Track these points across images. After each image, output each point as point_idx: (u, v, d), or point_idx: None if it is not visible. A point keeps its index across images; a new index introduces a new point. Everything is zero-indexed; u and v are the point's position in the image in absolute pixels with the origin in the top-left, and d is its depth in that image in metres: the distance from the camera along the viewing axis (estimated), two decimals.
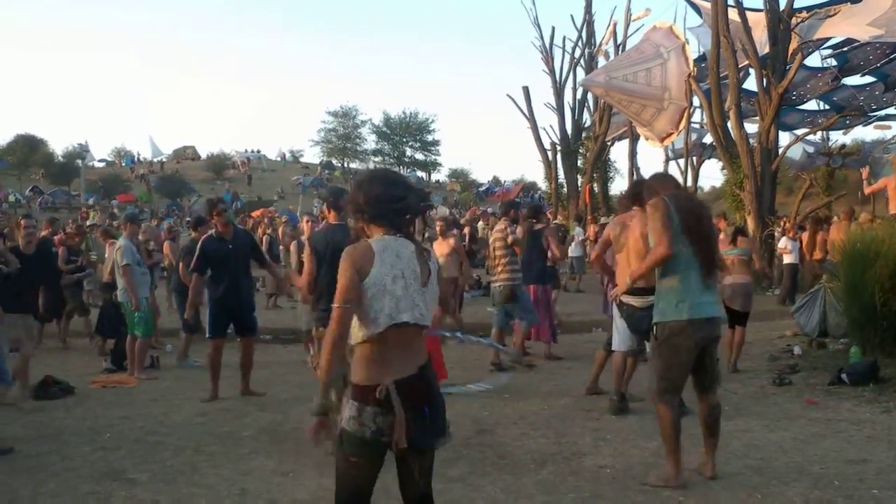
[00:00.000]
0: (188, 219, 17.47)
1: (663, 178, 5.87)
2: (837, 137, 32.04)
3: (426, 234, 3.70)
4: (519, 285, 9.94)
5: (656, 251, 5.48)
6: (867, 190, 15.38)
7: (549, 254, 10.78)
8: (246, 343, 8.90)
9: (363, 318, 3.37)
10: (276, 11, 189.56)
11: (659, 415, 5.51)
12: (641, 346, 7.67)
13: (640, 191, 7.30)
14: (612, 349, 7.88)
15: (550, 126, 34.02)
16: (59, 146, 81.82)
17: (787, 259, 16.51)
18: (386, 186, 3.45)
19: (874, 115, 26.29)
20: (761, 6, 20.50)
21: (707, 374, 5.59)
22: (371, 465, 3.44)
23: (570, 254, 19.77)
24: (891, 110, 26.23)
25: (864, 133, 58.94)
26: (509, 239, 9.99)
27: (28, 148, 71.70)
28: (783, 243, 16.59)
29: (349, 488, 3.50)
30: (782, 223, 18.86)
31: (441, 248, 11.49)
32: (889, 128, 30.18)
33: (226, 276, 8.65)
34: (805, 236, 16.81)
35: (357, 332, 3.40)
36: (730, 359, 9.65)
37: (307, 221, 11.52)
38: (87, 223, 23.19)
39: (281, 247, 20.03)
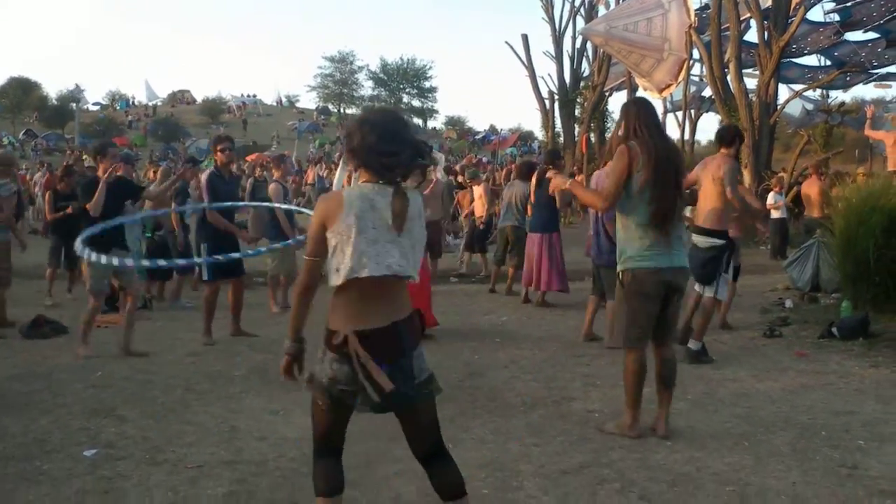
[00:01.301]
0: (183, 162, 17.48)
1: (647, 115, 5.39)
2: (837, 95, 31.90)
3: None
4: None
5: (597, 202, 5.59)
6: (867, 131, 15.32)
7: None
8: (236, 284, 8.88)
9: (330, 269, 3.34)
10: None
11: (625, 362, 5.48)
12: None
13: (725, 133, 7.86)
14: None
15: (549, 74, 33.67)
16: (52, 89, 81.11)
17: (774, 214, 16.47)
18: (379, 138, 3.31)
19: (875, 73, 26.11)
20: None
21: (666, 325, 5.49)
22: (334, 411, 3.45)
23: None
24: (892, 68, 26.03)
25: (864, 91, 59.03)
26: None
27: (21, 91, 71.20)
28: (771, 199, 16.53)
29: (319, 431, 3.54)
30: (771, 178, 18.83)
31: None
32: (889, 87, 30.04)
33: (223, 216, 8.54)
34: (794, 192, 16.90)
35: (329, 280, 3.38)
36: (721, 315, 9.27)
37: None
38: (86, 166, 22.98)
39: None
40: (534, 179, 10.97)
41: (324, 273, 3.39)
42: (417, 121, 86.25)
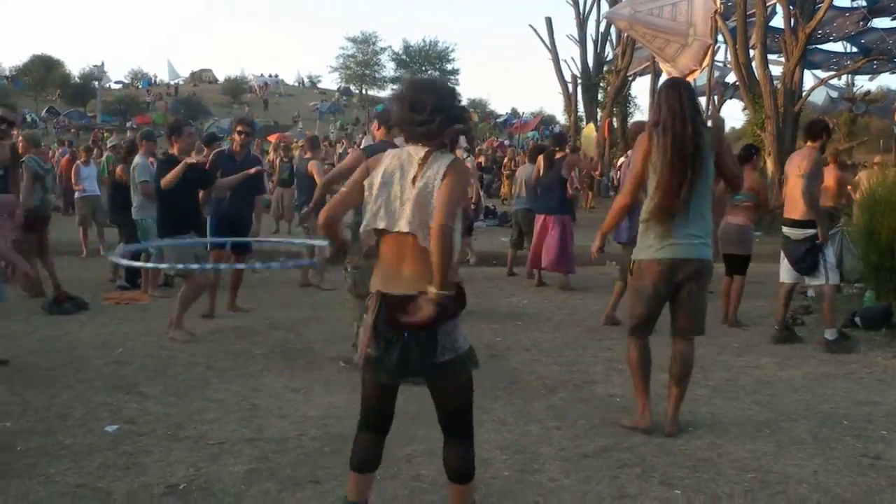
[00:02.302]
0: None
1: (673, 100, 5.07)
2: (863, 83, 31.59)
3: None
4: None
5: (617, 201, 5.47)
6: None
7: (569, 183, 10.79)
8: (237, 261, 8.87)
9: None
10: None
11: (627, 351, 5.40)
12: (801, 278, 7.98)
13: (813, 127, 7.92)
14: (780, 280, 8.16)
15: (572, 58, 33.57)
16: (75, 67, 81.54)
17: None
18: (412, 110, 3.37)
19: None
20: None
21: (682, 316, 5.22)
22: (369, 379, 3.49)
23: None
24: None
25: (891, 80, 58.25)
26: None
27: (44, 69, 71.58)
28: None
29: (362, 403, 3.61)
30: None
31: None
32: None
33: (229, 194, 8.59)
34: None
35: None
36: (728, 311, 8.99)
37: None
38: (109, 143, 23.08)
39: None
40: (541, 162, 10.90)
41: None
42: None
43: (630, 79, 31.82)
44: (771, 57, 21.52)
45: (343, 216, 3.61)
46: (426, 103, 3.36)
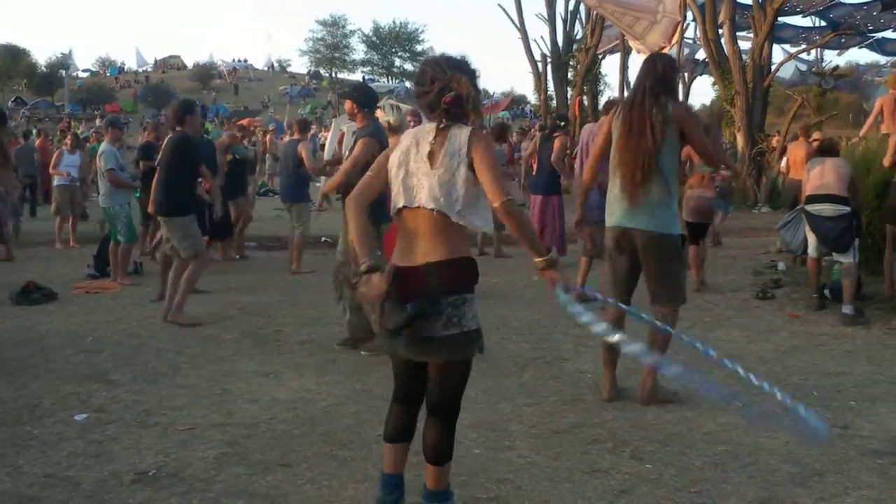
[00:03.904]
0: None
1: (643, 75, 5.22)
2: (832, 58, 31.75)
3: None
4: None
5: (588, 165, 5.69)
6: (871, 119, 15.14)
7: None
8: (209, 245, 8.83)
9: None
10: None
11: None
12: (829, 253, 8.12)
13: None
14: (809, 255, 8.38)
15: (541, 37, 33.40)
16: (42, 56, 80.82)
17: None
18: (418, 82, 3.45)
19: (871, 36, 25.96)
20: None
21: (650, 283, 5.29)
22: (393, 353, 3.52)
23: None
24: (888, 33, 25.87)
25: (859, 55, 58.21)
26: None
27: (10, 58, 70.83)
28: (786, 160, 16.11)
29: (393, 370, 3.65)
30: (763, 141, 18.84)
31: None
32: None
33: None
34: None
35: None
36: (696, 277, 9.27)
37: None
38: (80, 135, 22.89)
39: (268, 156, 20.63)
40: (537, 141, 10.93)
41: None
42: (409, 84, 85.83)
43: (600, 57, 31.77)
44: (740, 33, 21.58)
45: (371, 198, 3.54)
46: (426, 73, 3.42)
